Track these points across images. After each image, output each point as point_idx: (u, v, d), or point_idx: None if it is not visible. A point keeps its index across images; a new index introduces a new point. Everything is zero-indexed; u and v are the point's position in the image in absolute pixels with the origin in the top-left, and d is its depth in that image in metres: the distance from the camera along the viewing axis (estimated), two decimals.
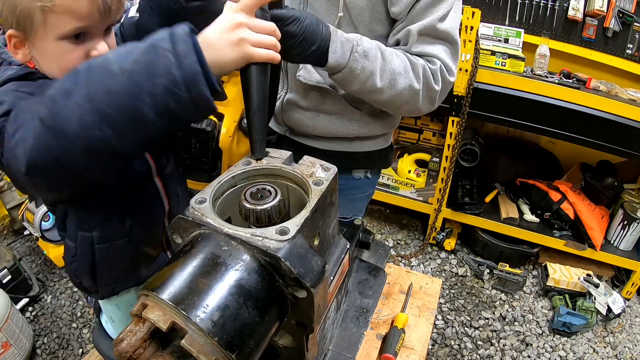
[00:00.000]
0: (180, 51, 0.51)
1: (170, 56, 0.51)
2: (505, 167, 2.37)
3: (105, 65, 0.53)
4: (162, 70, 0.51)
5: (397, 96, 0.91)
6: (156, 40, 0.52)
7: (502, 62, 1.90)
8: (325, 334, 0.72)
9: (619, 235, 2.10)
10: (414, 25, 0.89)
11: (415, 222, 2.60)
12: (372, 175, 1.21)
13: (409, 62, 0.90)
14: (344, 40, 0.84)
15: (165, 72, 0.51)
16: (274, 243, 0.49)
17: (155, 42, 0.52)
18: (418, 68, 0.90)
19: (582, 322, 1.87)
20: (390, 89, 0.90)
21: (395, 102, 0.93)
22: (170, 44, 0.51)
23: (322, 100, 1.02)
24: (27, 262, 2.14)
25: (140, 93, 0.51)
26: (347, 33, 0.90)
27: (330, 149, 1.10)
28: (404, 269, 1.06)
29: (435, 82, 0.92)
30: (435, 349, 1.85)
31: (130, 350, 0.43)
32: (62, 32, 0.67)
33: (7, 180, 2.21)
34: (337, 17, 0.92)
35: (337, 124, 1.06)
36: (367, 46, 0.86)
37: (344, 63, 0.84)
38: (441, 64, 0.92)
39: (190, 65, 0.51)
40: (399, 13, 0.90)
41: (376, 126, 1.10)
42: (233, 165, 0.64)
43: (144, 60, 0.52)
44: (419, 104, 0.95)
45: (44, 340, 1.76)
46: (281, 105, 1.08)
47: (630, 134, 1.76)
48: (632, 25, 1.99)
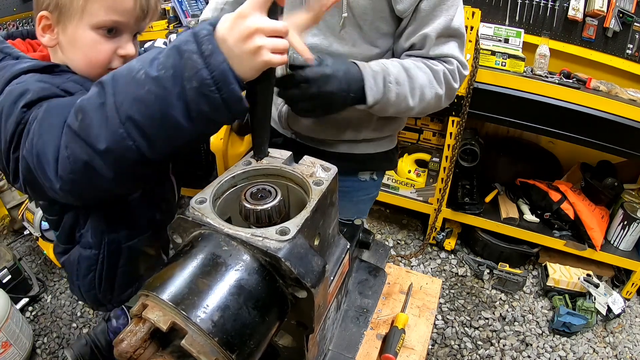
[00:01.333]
0: (205, 51, 0.49)
1: (197, 57, 0.49)
2: (505, 167, 2.37)
3: (130, 74, 0.52)
4: (190, 72, 0.49)
5: (425, 107, 0.97)
6: (180, 42, 0.51)
7: (502, 62, 1.90)
8: (325, 334, 0.72)
9: (619, 235, 2.10)
10: (429, 28, 0.91)
11: (415, 222, 2.60)
12: (378, 177, 1.21)
13: (431, 72, 0.94)
14: (375, 74, 0.87)
15: (193, 74, 0.49)
16: (274, 243, 0.49)
17: (179, 44, 0.51)
18: (440, 75, 0.94)
19: (582, 322, 1.87)
20: (420, 103, 0.94)
21: (423, 112, 0.99)
22: (195, 45, 0.50)
23: None
24: (27, 262, 2.14)
25: (170, 99, 0.50)
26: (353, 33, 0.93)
27: (337, 152, 1.10)
28: (404, 269, 1.06)
29: (454, 81, 0.97)
30: (435, 349, 1.85)
31: (130, 350, 0.43)
32: (97, 22, 0.67)
33: None
34: (342, 18, 0.92)
35: (343, 128, 1.06)
36: (395, 72, 0.90)
37: (380, 96, 0.88)
38: (457, 63, 0.97)
39: (218, 64, 0.49)
40: (404, 11, 0.89)
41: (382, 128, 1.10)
42: (233, 165, 0.64)
43: (170, 65, 0.50)
44: (441, 105, 1.00)
45: (44, 340, 1.76)
46: (287, 110, 1.07)
47: (630, 134, 1.75)
48: (632, 25, 1.99)
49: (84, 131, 0.52)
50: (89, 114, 0.52)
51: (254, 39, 0.51)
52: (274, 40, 0.54)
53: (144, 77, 0.50)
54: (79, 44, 0.69)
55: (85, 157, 0.53)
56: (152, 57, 0.52)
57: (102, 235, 0.81)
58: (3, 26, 2.13)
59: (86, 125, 0.52)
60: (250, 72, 0.53)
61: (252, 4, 0.51)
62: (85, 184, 0.56)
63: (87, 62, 0.71)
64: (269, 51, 0.53)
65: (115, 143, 0.51)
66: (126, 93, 0.51)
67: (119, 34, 0.70)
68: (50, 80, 0.65)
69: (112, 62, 0.72)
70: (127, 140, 0.51)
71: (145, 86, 0.50)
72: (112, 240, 0.81)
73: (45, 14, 0.68)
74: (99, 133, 0.51)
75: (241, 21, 0.51)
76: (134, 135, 0.51)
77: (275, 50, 0.54)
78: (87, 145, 0.52)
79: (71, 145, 0.53)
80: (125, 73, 0.52)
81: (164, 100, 0.50)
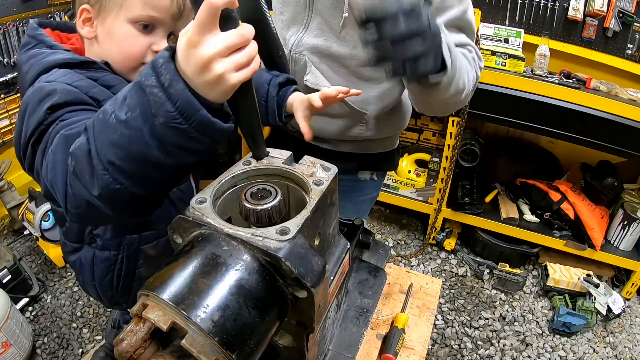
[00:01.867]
0: (165, 82, 0.46)
1: (157, 91, 0.47)
2: (505, 167, 2.37)
3: (104, 118, 0.51)
4: (155, 108, 0.47)
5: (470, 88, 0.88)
6: (142, 77, 0.48)
7: (502, 62, 1.90)
8: (325, 334, 0.72)
9: (619, 235, 2.10)
10: (441, 19, 0.87)
11: (415, 222, 2.60)
12: (378, 177, 1.21)
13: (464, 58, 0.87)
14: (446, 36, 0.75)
15: (157, 109, 0.47)
16: (275, 243, 0.49)
17: (141, 79, 0.48)
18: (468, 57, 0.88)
19: (582, 322, 1.87)
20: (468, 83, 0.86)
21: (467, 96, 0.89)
22: (155, 78, 0.47)
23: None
24: (27, 262, 2.14)
25: (143, 138, 0.48)
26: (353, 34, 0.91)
27: (337, 150, 1.10)
28: (404, 269, 1.06)
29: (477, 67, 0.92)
30: (435, 349, 1.85)
31: (130, 350, 0.43)
32: (135, 16, 0.69)
33: (7, 180, 2.21)
34: (342, 18, 0.92)
35: (344, 127, 1.06)
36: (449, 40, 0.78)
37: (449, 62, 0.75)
38: (474, 50, 0.93)
39: (179, 93, 0.46)
40: None
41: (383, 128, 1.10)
42: (233, 165, 0.64)
43: (135, 104, 0.48)
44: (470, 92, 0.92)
45: (44, 340, 1.76)
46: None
47: (630, 134, 1.76)
48: (632, 25, 1.99)
49: (79, 176, 0.53)
50: (80, 160, 0.52)
51: (212, 68, 0.46)
52: (236, 57, 0.48)
53: (115, 121, 0.49)
54: (115, 37, 0.71)
55: (86, 197, 0.53)
56: (123, 96, 0.50)
57: (121, 237, 0.82)
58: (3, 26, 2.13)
59: (79, 170, 0.52)
60: (220, 98, 0.49)
61: (198, 26, 0.45)
62: (91, 217, 0.58)
63: (121, 54, 0.73)
64: (233, 72, 0.48)
65: (105, 188, 0.51)
66: (103, 139, 0.50)
67: (154, 31, 0.73)
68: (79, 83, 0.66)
69: (146, 57, 0.74)
70: (114, 184, 0.51)
71: (117, 130, 0.49)
72: (131, 242, 0.82)
73: (86, 7, 0.71)
74: (90, 179, 0.52)
75: (193, 51, 0.46)
76: (119, 178, 0.51)
77: (240, 67, 0.48)
78: (85, 188, 0.52)
79: (73, 185, 0.54)
80: (101, 117, 0.51)
81: (137, 141, 0.48)
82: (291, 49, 1.00)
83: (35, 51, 0.71)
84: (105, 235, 0.81)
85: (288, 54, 1.01)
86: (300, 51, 0.99)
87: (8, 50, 2.19)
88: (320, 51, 0.97)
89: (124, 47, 0.72)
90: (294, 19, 1.00)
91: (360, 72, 0.99)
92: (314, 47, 0.97)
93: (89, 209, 0.54)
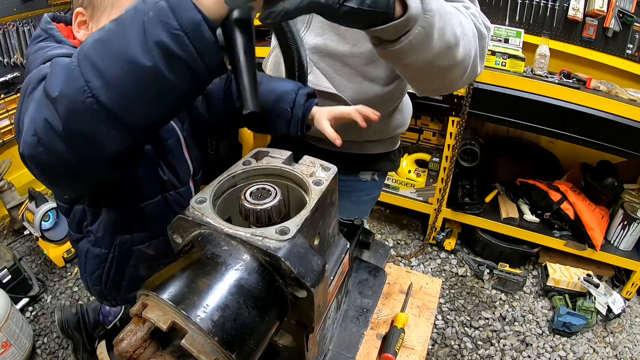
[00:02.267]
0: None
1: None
2: (505, 167, 2.37)
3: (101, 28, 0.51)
4: (148, 6, 0.47)
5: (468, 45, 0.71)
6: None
7: (502, 62, 1.90)
8: (325, 333, 0.72)
9: (619, 235, 2.10)
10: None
11: (415, 222, 2.60)
12: (379, 177, 1.21)
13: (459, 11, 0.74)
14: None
15: (151, 7, 0.47)
16: (274, 243, 0.49)
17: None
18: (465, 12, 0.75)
19: (582, 322, 1.87)
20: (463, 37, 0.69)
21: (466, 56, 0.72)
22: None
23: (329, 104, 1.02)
24: (27, 262, 2.14)
25: (128, 33, 0.47)
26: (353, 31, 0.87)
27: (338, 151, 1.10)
28: (404, 269, 1.06)
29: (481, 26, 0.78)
30: (435, 349, 1.85)
31: (130, 350, 0.43)
32: None
33: (7, 180, 2.21)
34: None
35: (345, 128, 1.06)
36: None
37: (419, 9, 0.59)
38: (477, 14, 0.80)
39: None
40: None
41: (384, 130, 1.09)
42: (233, 165, 0.64)
43: (133, 7, 0.49)
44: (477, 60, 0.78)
45: (44, 340, 1.76)
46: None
47: (630, 134, 1.76)
48: (632, 25, 1.99)
49: (48, 84, 0.50)
50: (57, 65, 0.50)
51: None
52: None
53: (109, 24, 0.50)
54: None
55: (45, 113, 0.49)
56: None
57: (113, 235, 0.81)
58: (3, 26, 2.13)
59: (50, 77, 0.50)
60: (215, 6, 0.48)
61: None
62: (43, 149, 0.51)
63: None
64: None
65: (68, 84, 0.48)
66: (90, 40, 0.50)
67: None
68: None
69: None
70: (80, 79, 0.47)
71: (105, 29, 0.49)
72: (123, 242, 0.82)
73: (80, 10, 0.71)
74: (57, 80, 0.49)
75: None
76: (88, 74, 0.47)
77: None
78: (46, 97, 0.49)
79: (38, 105, 0.51)
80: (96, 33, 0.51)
81: (120, 34, 0.48)
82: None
83: (43, 44, 0.71)
84: (98, 233, 0.81)
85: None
86: None
87: (8, 51, 2.20)
88: (321, 50, 0.97)
89: None
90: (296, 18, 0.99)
91: (364, 71, 0.98)
92: (315, 46, 0.97)
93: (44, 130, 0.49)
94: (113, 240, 0.81)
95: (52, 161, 0.52)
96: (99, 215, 0.80)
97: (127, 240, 0.82)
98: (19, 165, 2.36)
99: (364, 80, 1.00)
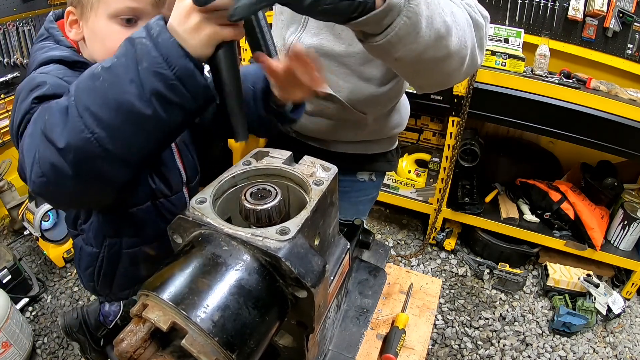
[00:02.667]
0: (154, 33, 0.51)
1: (146, 41, 0.50)
2: (505, 167, 2.37)
3: (90, 71, 0.53)
4: (141, 56, 0.50)
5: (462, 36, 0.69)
6: (133, 35, 0.52)
7: (502, 62, 1.90)
8: (325, 334, 0.72)
9: (619, 235, 2.10)
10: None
11: (415, 222, 2.60)
12: (377, 178, 1.20)
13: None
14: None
15: (143, 56, 0.50)
16: (274, 243, 0.49)
17: (132, 36, 0.52)
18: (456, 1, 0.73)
19: (582, 322, 1.87)
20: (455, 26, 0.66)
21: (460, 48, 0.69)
22: (145, 31, 0.51)
23: (325, 105, 1.02)
24: (27, 262, 2.14)
25: (123, 84, 0.50)
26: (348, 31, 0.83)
27: (335, 151, 1.10)
28: (404, 269, 1.06)
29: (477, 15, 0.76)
30: (435, 349, 1.85)
31: (130, 350, 0.43)
32: (113, 10, 0.67)
33: (7, 180, 2.21)
34: None
35: (342, 129, 1.05)
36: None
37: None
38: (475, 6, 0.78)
39: (165, 41, 0.50)
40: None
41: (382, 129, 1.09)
42: (233, 165, 0.64)
43: (122, 54, 0.51)
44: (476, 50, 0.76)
45: (44, 340, 1.76)
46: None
47: (630, 134, 1.76)
48: (632, 25, 1.99)
49: (49, 130, 0.52)
50: (54, 113, 0.52)
51: (191, 16, 0.51)
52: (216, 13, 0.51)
53: (100, 70, 0.52)
54: (98, 35, 0.70)
55: (51, 158, 0.52)
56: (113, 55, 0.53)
57: (103, 237, 0.81)
58: (3, 26, 2.13)
59: (50, 124, 0.52)
60: (201, 49, 0.52)
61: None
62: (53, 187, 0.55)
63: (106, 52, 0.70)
64: (213, 24, 0.51)
65: (74, 136, 0.50)
66: (84, 88, 0.52)
67: (138, 23, 0.70)
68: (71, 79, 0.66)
69: None
70: (85, 132, 0.50)
71: (100, 76, 0.51)
72: (112, 244, 0.81)
73: (70, 9, 0.71)
74: (61, 131, 0.51)
75: (180, 3, 0.52)
76: (92, 125, 0.50)
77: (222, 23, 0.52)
78: (51, 145, 0.52)
79: (41, 148, 0.53)
80: (86, 73, 0.53)
81: (117, 85, 0.50)
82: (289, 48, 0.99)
83: (43, 44, 0.72)
84: (90, 233, 0.81)
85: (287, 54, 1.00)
86: None
87: (8, 51, 2.19)
88: (317, 50, 0.97)
89: (108, 44, 0.69)
90: (292, 18, 0.99)
91: (360, 71, 0.98)
92: (311, 46, 0.97)
93: (52, 172, 0.52)
94: (102, 241, 0.81)
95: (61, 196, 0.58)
96: (91, 215, 0.81)
97: (116, 243, 0.81)
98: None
99: (359, 80, 1.00)
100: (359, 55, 0.95)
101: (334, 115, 1.03)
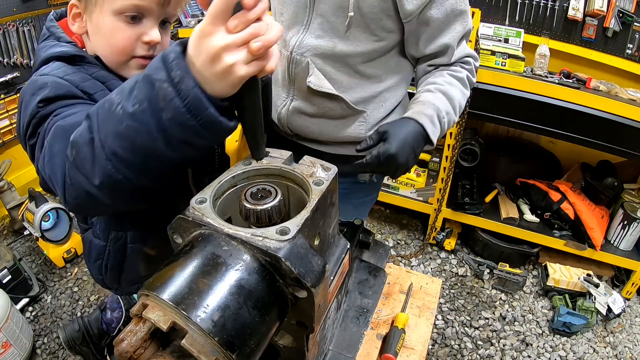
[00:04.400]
0: (175, 78, 0.47)
1: (167, 86, 0.47)
2: (505, 167, 2.37)
3: (110, 108, 0.51)
4: (163, 103, 0.47)
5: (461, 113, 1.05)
6: (151, 70, 0.49)
7: (502, 62, 1.90)
8: (325, 334, 0.72)
9: (619, 235, 2.10)
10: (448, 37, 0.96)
11: (415, 222, 2.60)
12: (377, 178, 1.21)
13: (460, 83, 1.01)
14: (431, 118, 0.93)
15: (166, 104, 0.47)
16: (275, 243, 0.49)
17: (150, 73, 0.48)
18: (465, 81, 1.02)
19: (582, 322, 1.87)
20: (459, 113, 1.03)
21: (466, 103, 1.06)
22: (165, 73, 0.47)
23: (329, 106, 1.02)
24: (27, 262, 2.14)
25: (149, 132, 0.49)
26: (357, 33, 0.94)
27: (336, 153, 1.10)
28: (404, 269, 1.06)
29: (474, 77, 1.06)
30: (435, 349, 1.85)
31: (130, 350, 0.43)
32: (118, 7, 0.67)
33: (7, 180, 2.21)
34: (348, 18, 0.91)
35: (344, 128, 1.06)
36: (443, 106, 0.95)
37: (439, 133, 0.96)
38: (472, 60, 1.04)
39: (189, 90, 0.46)
40: (411, 12, 0.90)
41: None
42: (233, 165, 0.64)
43: (144, 97, 0.48)
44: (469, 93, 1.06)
45: (44, 340, 1.76)
46: (287, 113, 1.07)
47: (630, 134, 1.76)
48: (632, 25, 1.99)
49: (80, 165, 0.53)
50: (81, 149, 0.52)
51: (223, 58, 0.46)
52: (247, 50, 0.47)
53: (122, 113, 0.49)
54: (102, 31, 0.70)
55: (86, 187, 0.54)
56: (130, 87, 0.50)
57: (108, 230, 0.82)
58: (3, 26, 2.13)
59: (80, 159, 0.53)
60: (227, 90, 0.49)
61: (211, 18, 0.45)
62: (90, 208, 0.59)
63: (110, 49, 0.72)
64: (242, 64, 0.47)
65: (107, 178, 0.52)
66: (108, 129, 0.51)
67: (142, 20, 0.70)
68: (71, 77, 0.67)
69: (136, 50, 0.72)
70: (116, 174, 0.51)
71: (123, 122, 0.49)
72: (117, 238, 0.83)
73: (74, 2, 0.71)
74: (91, 169, 0.52)
75: (205, 41, 0.46)
76: (121, 169, 0.51)
77: (249, 61, 0.48)
78: (85, 178, 0.53)
79: (72, 175, 0.54)
80: (107, 107, 0.52)
81: (142, 134, 0.49)
82: (292, 50, 0.99)
83: (45, 43, 0.72)
84: (97, 225, 0.83)
85: (289, 55, 1.00)
86: (302, 52, 0.98)
87: (8, 51, 2.19)
88: (322, 52, 0.97)
89: (111, 41, 0.70)
90: (293, 20, 0.99)
91: (362, 69, 0.99)
92: (316, 48, 0.97)
93: (88, 198, 0.54)
94: (108, 234, 0.82)
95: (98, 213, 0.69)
96: None
97: (122, 236, 0.83)
98: (19, 165, 2.36)
99: (362, 79, 1.00)
100: (362, 55, 0.96)
101: (337, 115, 1.03)
